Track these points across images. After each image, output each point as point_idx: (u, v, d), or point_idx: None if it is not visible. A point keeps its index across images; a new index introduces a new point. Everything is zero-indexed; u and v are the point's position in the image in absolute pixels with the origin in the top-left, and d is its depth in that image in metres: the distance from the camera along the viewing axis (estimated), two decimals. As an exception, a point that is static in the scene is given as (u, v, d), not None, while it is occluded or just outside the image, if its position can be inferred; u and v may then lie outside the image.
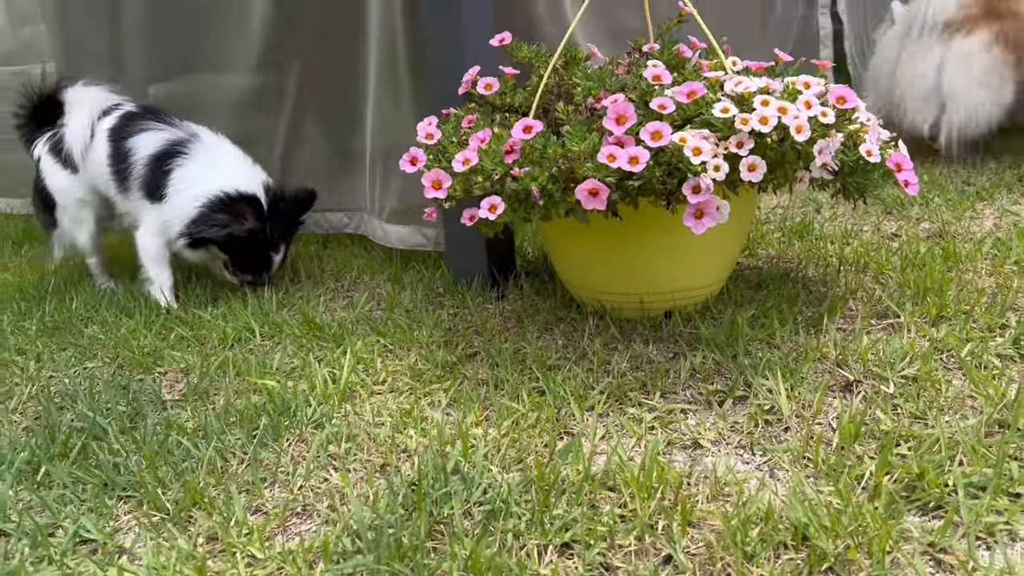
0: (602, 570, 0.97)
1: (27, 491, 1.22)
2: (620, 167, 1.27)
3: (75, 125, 2.13)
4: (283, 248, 2.02)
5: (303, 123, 2.52)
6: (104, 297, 2.06)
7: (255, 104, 2.51)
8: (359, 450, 1.27)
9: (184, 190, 1.96)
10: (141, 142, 2.04)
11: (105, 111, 2.13)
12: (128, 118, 2.10)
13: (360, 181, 2.26)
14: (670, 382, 1.40)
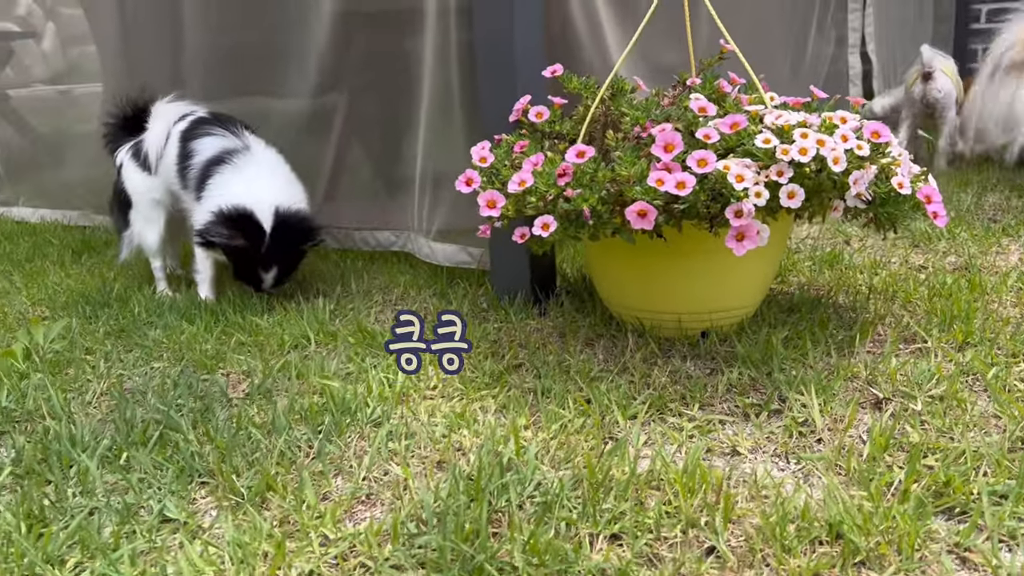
0: (649, 559, 1.05)
1: (111, 474, 1.32)
2: (668, 191, 1.36)
3: (154, 130, 2.28)
4: (275, 268, 2.11)
5: (352, 147, 2.65)
6: (164, 304, 2.17)
7: (306, 128, 2.63)
8: (417, 447, 1.36)
9: (212, 196, 2.11)
10: (202, 145, 2.20)
11: (181, 117, 2.27)
12: (198, 122, 2.25)
13: (408, 202, 2.37)
14: (708, 395, 1.48)
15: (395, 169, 2.46)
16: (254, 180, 2.13)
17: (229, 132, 2.22)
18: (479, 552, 1.05)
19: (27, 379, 1.74)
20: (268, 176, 2.18)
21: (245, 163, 2.16)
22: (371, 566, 1.07)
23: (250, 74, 2.77)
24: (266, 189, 2.12)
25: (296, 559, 1.08)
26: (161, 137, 2.28)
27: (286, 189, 2.16)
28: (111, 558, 1.09)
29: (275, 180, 2.18)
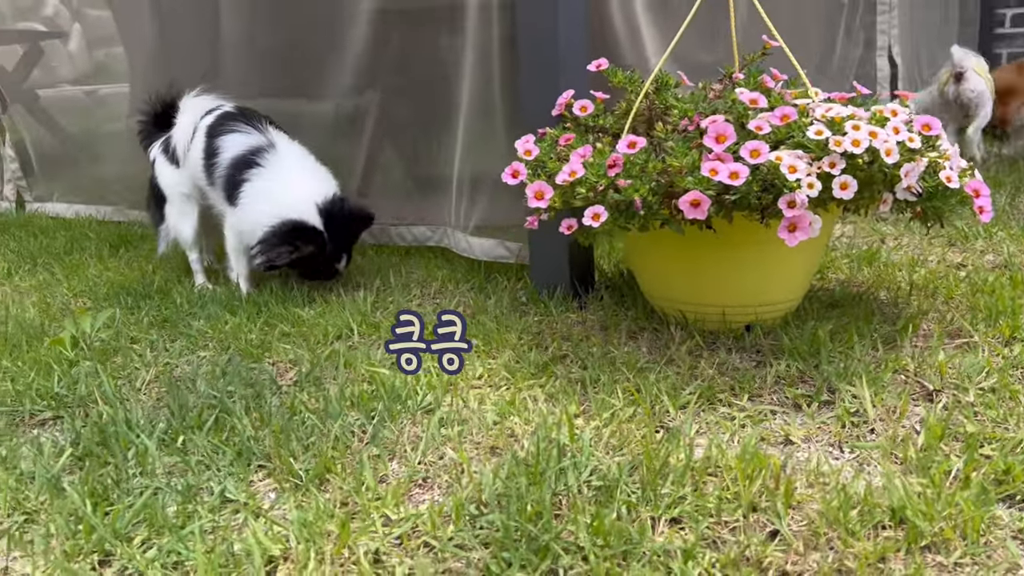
0: (712, 542, 1.06)
1: (168, 456, 1.34)
2: (721, 181, 1.37)
3: (181, 124, 2.31)
4: (345, 257, 2.18)
5: (387, 145, 2.67)
6: (205, 295, 2.19)
7: (341, 127, 2.66)
8: (470, 433, 1.37)
9: (253, 204, 2.12)
10: (228, 142, 2.21)
11: (208, 111, 2.29)
12: (224, 117, 2.27)
13: (444, 199, 2.39)
14: (756, 386, 1.48)
15: (432, 166, 2.48)
16: (287, 182, 2.14)
17: (254, 128, 2.22)
18: (544, 532, 1.05)
19: (76, 366, 1.76)
20: (298, 175, 2.18)
21: (274, 163, 2.16)
22: (435, 545, 1.08)
23: (285, 74, 2.80)
24: (302, 189, 2.13)
25: (360, 538, 1.09)
26: (188, 131, 2.30)
27: (318, 182, 2.17)
28: (180, 535, 1.10)
29: (306, 177, 2.18)
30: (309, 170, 2.22)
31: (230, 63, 2.88)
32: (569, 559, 1.03)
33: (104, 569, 1.08)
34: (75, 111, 3.90)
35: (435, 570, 1.03)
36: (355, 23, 2.53)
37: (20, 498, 1.24)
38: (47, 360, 1.77)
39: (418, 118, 2.53)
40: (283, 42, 2.81)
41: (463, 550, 1.07)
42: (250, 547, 1.07)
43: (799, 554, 1.02)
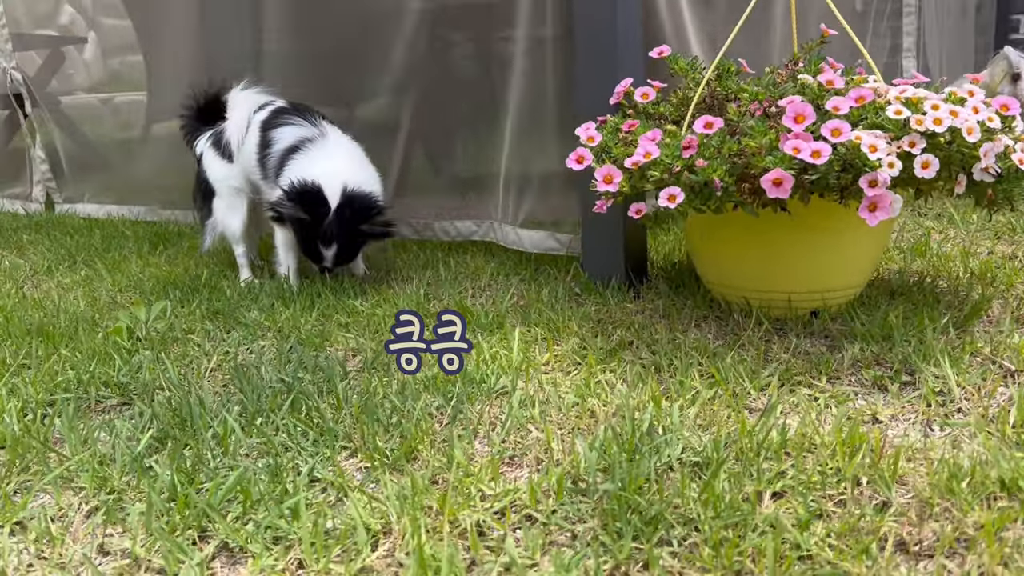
0: (819, 514, 1.04)
1: (248, 437, 1.33)
2: (803, 159, 1.36)
3: (234, 119, 2.30)
4: (335, 245, 2.09)
5: (434, 142, 2.67)
6: (256, 288, 2.18)
7: (387, 124, 2.67)
8: (549, 414, 1.36)
9: (287, 178, 2.12)
10: (281, 134, 2.22)
11: (261, 106, 2.29)
12: (277, 112, 2.27)
13: (490, 193, 2.38)
14: (833, 369, 1.47)
15: (478, 162, 2.48)
16: (327, 161, 2.14)
17: (307, 121, 2.23)
18: (653, 504, 1.04)
19: (136, 355, 1.75)
20: (341, 159, 2.18)
21: (320, 148, 2.17)
22: (538, 518, 1.07)
23: (328, 77, 2.80)
24: (338, 169, 2.11)
25: (461, 511, 1.08)
26: (242, 126, 2.30)
27: (359, 172, 2.15)
28: (279, 509, 1.09)
29: (348, 163, 2.17)
30: (353, 159, 2.21)
31: (267, 69, 2.89)
32: (681, 530, 1.01)
33: (203, 544, 1.06)
34: (91, 118, 3.91)
35: (543, 541, 1.02)
36: (400, 21, 2.53)
37: (105, 477, 1.22)
38: (106, 349, 1.76)
39: (464, 115, 2.54)
40: (325, 45, 2.82)
41: (569, 522, 1.05)
42: (352, 521, 1.06)
43: (914, 524, 1.01)
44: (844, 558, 0.94)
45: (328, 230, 2.07)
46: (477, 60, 2.50)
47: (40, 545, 1.08)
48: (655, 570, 0.94)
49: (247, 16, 2.94)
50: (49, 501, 1.19)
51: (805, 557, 0.96)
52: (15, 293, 2.30)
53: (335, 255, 2.11)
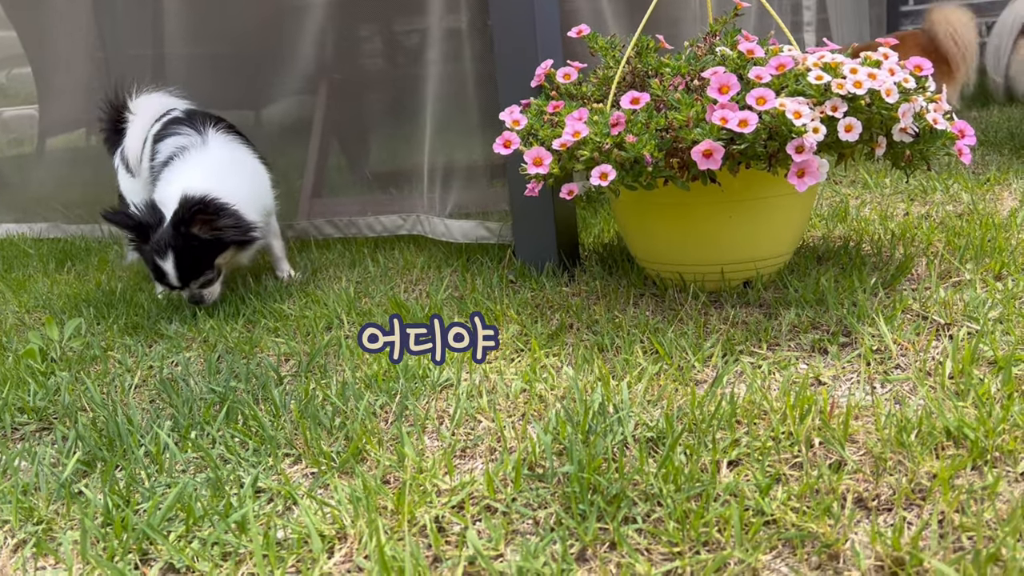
0: (777, 478, 1.04)
1: (183, 452, 1.26)
2: (731, 129, 1.37)
3: (132, 131, 2.19)
4: (171, 255, 1.86)
5: (354, 138, 2.61)
6: (174, 300, 2.09)
7: (291, 127, 2.59)
8: (498, 402, 1.33)
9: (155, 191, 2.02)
10: (164, 146, 2.10)
11: (158, 118, 2.18)
12: (169, 123, 2.16)
13: (415, 187, 2.34)
14: (772, 335, 1.49)
15: (398, 157, 2.43)
16: (189, 171, 1.97)
17: (193, 129, 2.09)
18: (614, 482, 1.03)
19: (52, 377, 1.65)
20: (205, 168, 2.00)
21: (189, 159, 2.02)
22: (498, 507, 1.04)
23: (234, 80, 2.71)
24: (191, 179, 1.93)
25: (418, 509, 1.04)
26: (140, 137, 2.18)
27: (221, 179, 1.95)
28: (225, 524, 1.03)
29: (211, 171, 1.99)
30: (222, 167, 2.03)
31: (171, 75, 2.77)
32: (644, 506, 1.00)
33: (146, 568, 1.00)
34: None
35: (506, 531, 0.99)
36: (304, 17, 2.46)
37: (30, 508, 1.14)
38: (18, 373, 1.65)
39: (381, 109, 2.48)
40: (229, 46, 2.73)
41: (532, 509, 1.03)
42: (305, 529, 1.01)
43: (870, 479, 1.02)
44: (807, 519, 0.95)
45: (159, 240, 1.86)
46: (390, 53, 2.46)
47: (-37, 587, 1.00)
48: (623, 548, 0.93)
49: (147, 20, 2.81)
50: (-31, 539, 1.11)
51: (770, 522, 0.96)
52: (-89, 322, 2.15)
53: (175, 267, 1.87)
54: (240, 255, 2.00)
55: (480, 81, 2.12)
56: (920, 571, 0.85)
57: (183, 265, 1.88)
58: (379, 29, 2.52)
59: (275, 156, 2.68)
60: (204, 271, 1.92)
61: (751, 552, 0.90)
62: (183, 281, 1.90)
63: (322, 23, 2.46)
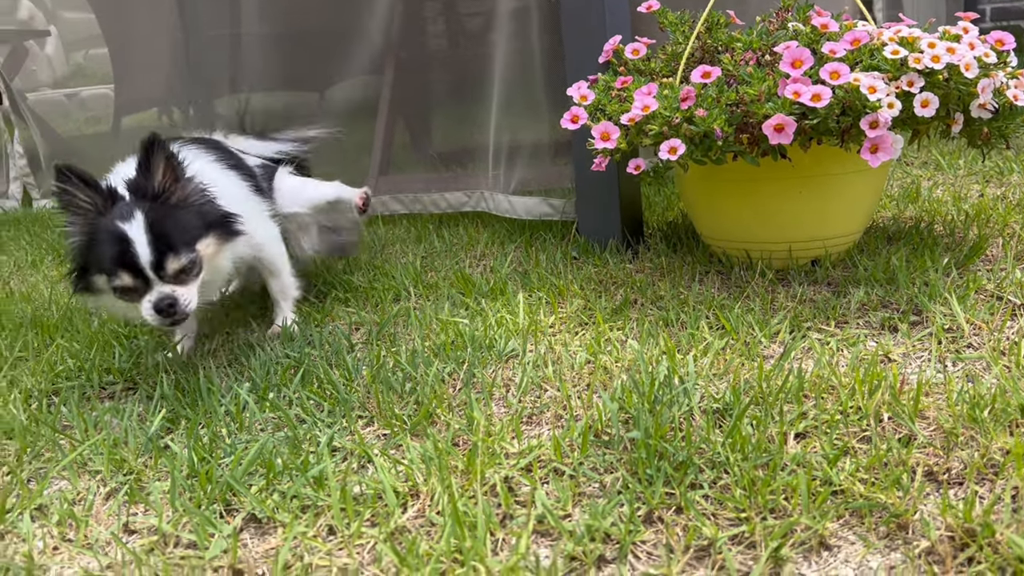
0: (844, 451, 1.05)
1: (262, 412, 1.31)
2: (803, 103, 1.36)
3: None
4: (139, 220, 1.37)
5: (419, 118, 2.65)
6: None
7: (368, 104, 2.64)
8: (565, 372, 1.36)
9: None
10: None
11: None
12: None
13: (481, 164, 2.36)
14: (840, 313, 1.48)
15: (466, 133, 2.46)
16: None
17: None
18: (680, 450, 1.04)
19: (135, 340, 1.72)
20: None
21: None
22: (565, 470, 1.07)
23: (304, 61, 2.76)
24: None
25: (488, 469, 1.07)
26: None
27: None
28: (304, 478, 1.08)
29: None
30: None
31: (242, 53, 2.85)
32: (711, 473, 1.01)
33: (229, 517, 1.05)
34: (58, 114, 3.84)
35: (573, 492, 1.02)
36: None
37: (120, 460, 1.20)
38: (104, 338, 1.73)
39: (448, 88, 2.52)
40: (300, 25, 2.78)
41: (596, 473, 1.05)
42: (379, 485, 1.05)
43: (941, 454, 1.01)
44: (876, 490, 0.95)
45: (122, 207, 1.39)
46: (456, 31, 2.48)
47: (63, 528, 1.06)
48: (690, 512, 0.94)
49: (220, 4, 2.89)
50: (65, 486, 1.17)
51: (837, 492, 0.97)
52: (2, 288, 2.26)
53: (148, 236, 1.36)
54: (221, 255, 1.49)
55: (546, 59, 2.13)
56: (992, 543, 0.85)
57: (157, 233, 1.37)
58: (445, 7, 2.54)
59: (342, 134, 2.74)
60: (183, 248, 1.39)
61: (819, 519, 0.91)
62: (157, 258, 1.36)
63: (391, 2, 2.50)
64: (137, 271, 1.36)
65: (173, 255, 1.37)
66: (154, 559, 0.97)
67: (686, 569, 0.88)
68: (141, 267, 1.35)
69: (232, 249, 1.51)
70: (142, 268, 1.35)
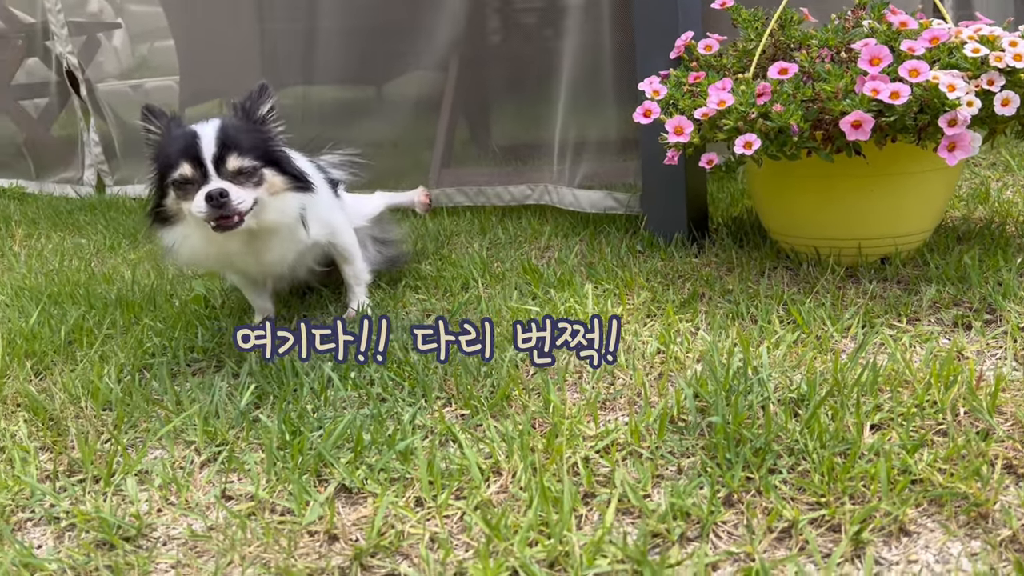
0: (921, 443, 1.06)
1: (346, 391, 1.36)
2: (881, 100, 1.37)
3: None
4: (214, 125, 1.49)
5: (483, 110, 2.69)
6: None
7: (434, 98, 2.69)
8: (636, 361, 1.38)
9: None
10: None
11: None
12: None
13: (545, 157, 2.40)
14: (912, 310, 1.48)
15: (532, 127, 2.49)
16: None
17: None
18: (759, 436, 1.07)
19: (216, 321, 1.79)
20: None
21: None
22: (643, 453, 1.10)
23: (372, 56, 2.82)
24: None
25: (567, 449, 1.11)
26: None
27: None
28: (394, 451, 1.12)
29: None
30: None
31: (308, 47, 2.91)
32: (789, 459, 1.04)
33: (321, 486, 1.10)
34: (124, 104, 3.95)
35: (652, 474, 1.05)
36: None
37: (213, 431, 1.27)
38: (186, 317, 1.80)
39: (514, 83, 2.55)
40: (367, 19, 2.84)
41: (673, 457, 1.08)
42: (465, 461, 1.09)
43: (1020, 448, 1.02)
44: (955, 480, 0.96)
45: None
46: (524, 27, 2.51)
47: (165, 492, 1.12)
48: (770, 495, 0.97)
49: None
50: (162, 454, 1.24)
51: (916, 481, 0.98)
52: (84, 269, 2.36)
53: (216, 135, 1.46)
54: (286, 199, 1.54)
55: (615, 56, 2.16)
56: (1075, 534, 0.86)
57: (226, 136, 1.47)
58: (509, 3, 2.58)
59: (403, 128, 2.79)
60: (247, 154, 1.47)
61: (899, 506, 0.93)
62: (219, 153, 1.44)
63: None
64: (198, 163, 1.44)
65: (236, 154, 1.45)
66: (253, 523, 1.03)
67: (768, 549, 0.91)
68: (202, 159, 1.44)
69: (297, 201, 1.56)
70: (203, 160, 1.44)
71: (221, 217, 1.43)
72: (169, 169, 1.48)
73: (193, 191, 1.45)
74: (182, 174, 1.45)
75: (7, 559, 0.98)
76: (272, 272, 1.69)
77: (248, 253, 1.57)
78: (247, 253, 1.57)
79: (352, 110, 3.07)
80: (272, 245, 1.57)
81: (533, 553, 0.91)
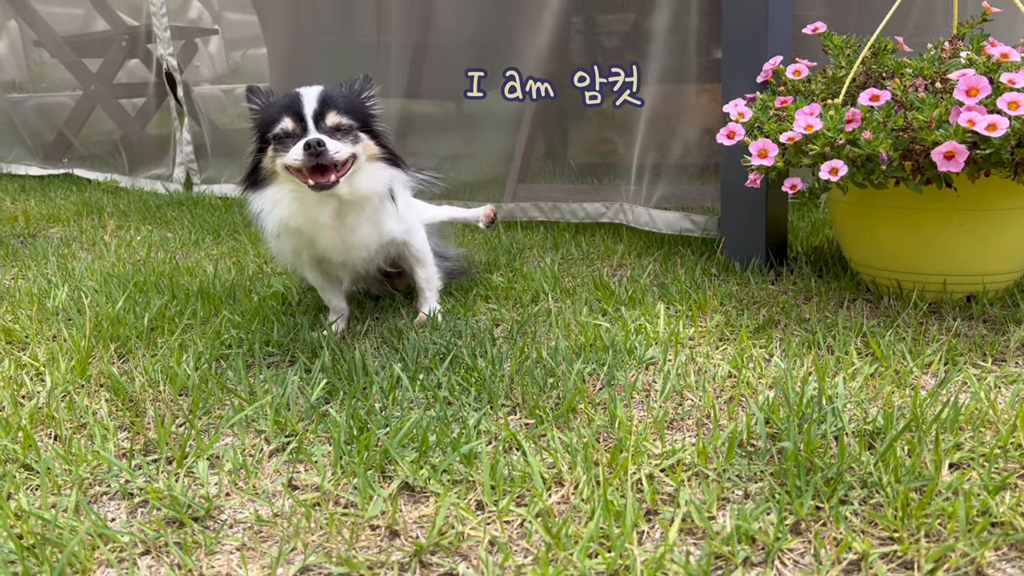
0: (1003, 485, 1.02)
1: (413, 392, 1.38)
2: (977, 132, 1.33)
3: None
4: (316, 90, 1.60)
5: (560, 130, 2.70)
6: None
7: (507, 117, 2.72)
8: (707, 383, 1.36)
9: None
10: None
11: None
12: None
13: (622, 177, 2.39)
14: (998, 350, 1.43)
15: (607, 146, 2.49)
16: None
17: None
18: (831, 466, 1.04)
19: (292, 318, 1.83)
20: None
21: None
22: (709, 475, 1.08)
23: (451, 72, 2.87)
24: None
25: (631, 465, 1.10)
26: None
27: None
28: (458, 453, 1.13)
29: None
30: None
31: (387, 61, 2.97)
32: (862, 491, 1.01)
33: (385, 483, 1.11)
34: (216, 107, 4.09)
35: (718, 496, 1.03)
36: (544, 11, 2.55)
37: (284, 422, 1.29)
38: (264, 312, 1.85)
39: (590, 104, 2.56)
40: (449, 35, 2.88)
41: (740, 480, 1.06)
42: (528, 469, 1.09)
43: (1112, 499, 0.97)
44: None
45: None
46: (606, 48, 2.52)
47: (235, 477, 1.15)
48: (840, 526, 0.94)
49: (372, 6, 3.03)
50: (234, 441, 1.27)
51: (996, 523, 0.94)
52: (169, 261, 2.44)
53: (318, 96, 1.57)
54: (376, 169, 1.63)
55: (699, 76, 2.15)
56: None
57: (327, 99, 1.57)
58: (604, 22, 2.59)
59: (478, 143, 2.82)
60: (346, 114, 1.57)
61: (977, 547, 0.89)
62: (320, 110, 1.55)
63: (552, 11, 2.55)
64: (299, 118, 1.54)
65: (335, 111, 1.56)
66: (317, 513, 1.05)
67: (835, 580, 0.88)
68: (303, 114, 1.54)
69: (388, 173, 1.64)
70: (304, 115, 1.54)
71: (318, 171, 1.50)
72: (271, 124, 1.57)
73: (291, 142, 1.53)
74: (283, 128, 1.55)
75: (83, 528, 1.02)
76: (352, 258, 1.71)
77: (334, 228, 1.62)
78: (333, 228, 1.62)
79: (432, 124, 3.12)
80: (359, 221, 1.63)
81: (593, 564, 0.90)
